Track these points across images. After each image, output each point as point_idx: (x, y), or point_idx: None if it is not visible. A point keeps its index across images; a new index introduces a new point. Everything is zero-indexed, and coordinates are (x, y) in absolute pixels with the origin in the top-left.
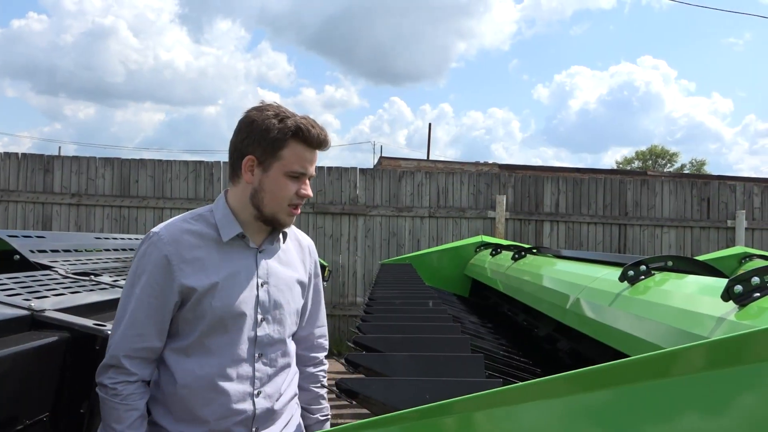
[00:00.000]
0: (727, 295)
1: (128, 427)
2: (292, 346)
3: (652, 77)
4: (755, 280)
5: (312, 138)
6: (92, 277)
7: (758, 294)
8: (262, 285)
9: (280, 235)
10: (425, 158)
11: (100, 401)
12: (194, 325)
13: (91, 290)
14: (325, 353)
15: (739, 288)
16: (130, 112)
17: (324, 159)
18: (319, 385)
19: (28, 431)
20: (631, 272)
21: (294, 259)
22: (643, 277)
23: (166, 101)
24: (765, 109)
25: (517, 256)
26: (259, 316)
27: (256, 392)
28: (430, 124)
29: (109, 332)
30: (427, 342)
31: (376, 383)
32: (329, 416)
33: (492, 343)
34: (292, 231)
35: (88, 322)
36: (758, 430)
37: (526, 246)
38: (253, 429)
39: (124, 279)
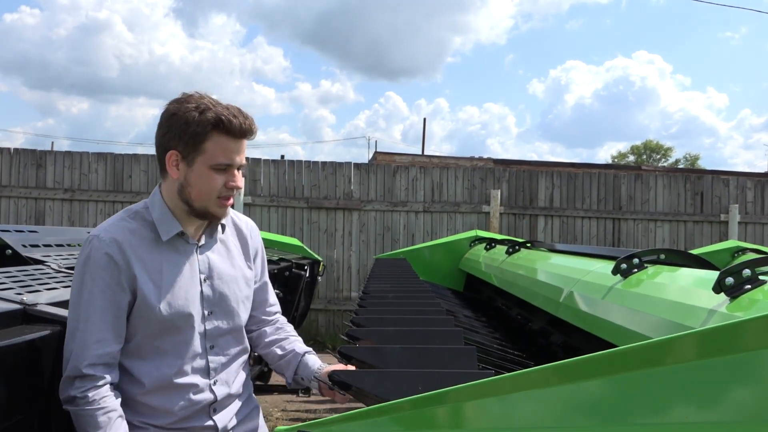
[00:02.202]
0: (718, 287)
1: (110, 429)
2: (243, 332)
3: (647, 72)
4: (746, 272)
5: (234, 128)
6: None
7: (749, 286)
8: (205, 280)
9: (219, 227)
10: (420, 153)
11: (72, 417)
12: (145, 328)
13: None
14: (283, 319)
15: (730, 280)
16: (123, 107)
17: (318, 154)
18: (286, 331)
19: (20, 425)
20: (623, 265)
21: (235, 247)
22: (635, 270)
23: (160, 96)
24: (760, 103)
25: (511, 250)
26: (206, 311)
27: (212, 381)
28: (425, 119)
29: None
30: (420, 335)
31: (368, 375)
32: (312, 350)
33: (486, 337)
34: (230, 218)
35: None
36: (746, 419)
37: (521, 240)
38: (212, 411)
39: None
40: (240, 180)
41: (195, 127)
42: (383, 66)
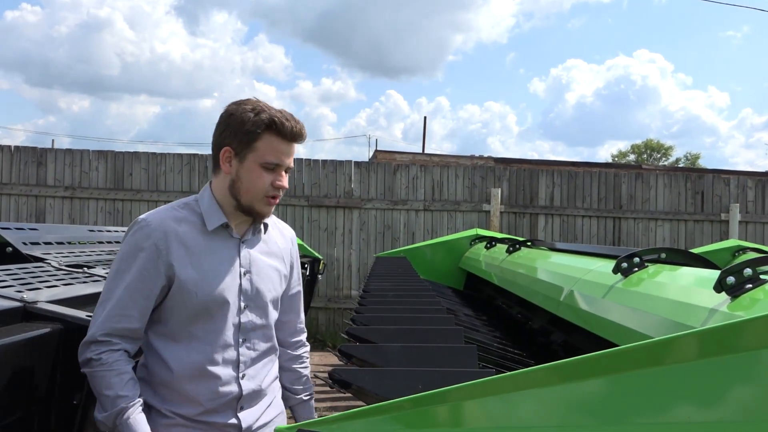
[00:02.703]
0: (719, 286)
1: (121, 389)
2: (273, 330)
3: (648, 71)
4: (747, 271)
5: (286, 130)
6: (85, 269)
7: (750, 285)
8: (244, 274)
9: (262, 226)
10: (421, 152)
11: (88, 378)
12: (180, 313)
13: (84, 282)
14: (305, 335)
15: (731, 279)
16: (124, 104)
17: (319, 152)
18: (302, 365)
19: (20, 422)
20: (624, 264)
21: (276, 248)
22: (636, 269)
23: (161, 94)
24: (761, 102)
25: (511, 249)
26: (242, 303)
27: (241, 375)
28: (425, 117)
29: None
30: (420, 333)
31: (369, 374)
32: (313, 395)
33: (486, 336)
34: (274, 222)
35: (81, 314)
36: (747, 419)
37: (521, 239)
38: (238, 408)
39: None
40: (286, 181)
41: (249, 126)
42: (384, 64)
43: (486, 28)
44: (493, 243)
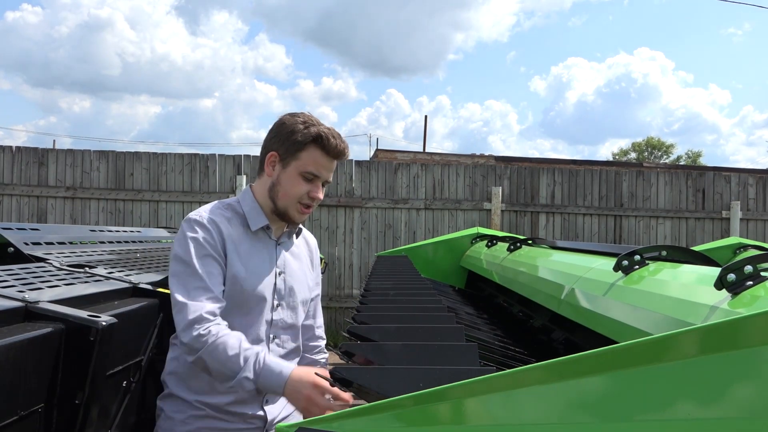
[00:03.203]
0: (720, 283)
1: (243, 344)
2: (300, 332)
3: (649, 69)
4: (748, 268)
5: (330, 147)
6: (87, 269)
7: (751, 282)
8: (279, 274)
9: (294, 231)
10: (422, 151)
11: (204, 358)
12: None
13: (86, 282)
14: (324, 342)
15: (732, 277)
16: (125, 105)
17: None
18: (320, 365)
19: (22, 422)
20: (625, 262)
21: (304, 254)
22: (637, 266)
23: (162, 94)
24: (762, 100)
25: (512, 247)
26: (275, 302)
27: None
28: (426, 116)
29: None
30: (421, 331)
31: (370, 372)
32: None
33: (487, 334)
34: (302, 230)
35: (83, 314)
36: (747, 416)
37: (522, 237)
38: (264, 401)
39: (119, 271)
40: (322, 193)
41: (298, 137)
42: (385, 63)
43: (486, 27)
44: (494, 241)
